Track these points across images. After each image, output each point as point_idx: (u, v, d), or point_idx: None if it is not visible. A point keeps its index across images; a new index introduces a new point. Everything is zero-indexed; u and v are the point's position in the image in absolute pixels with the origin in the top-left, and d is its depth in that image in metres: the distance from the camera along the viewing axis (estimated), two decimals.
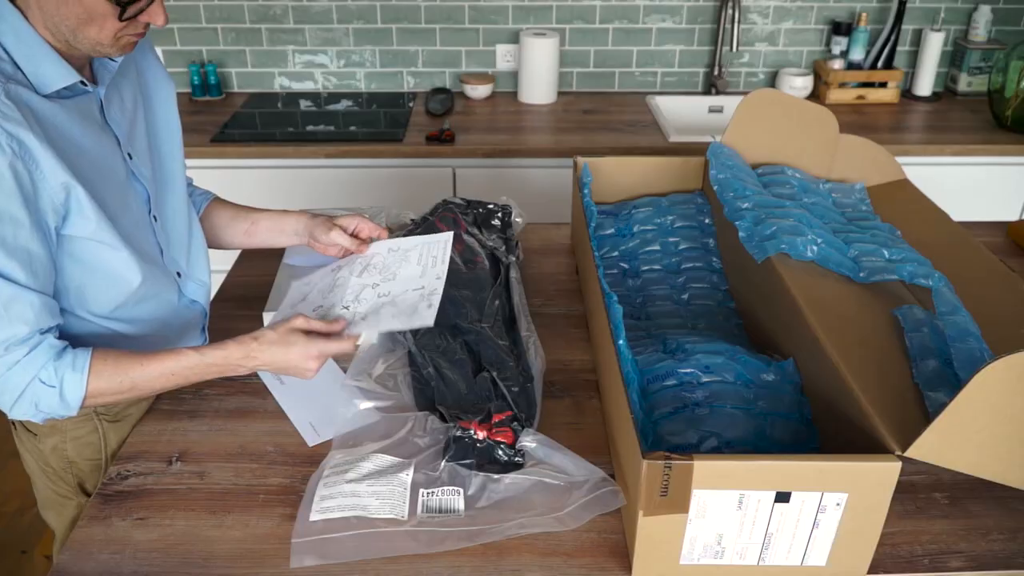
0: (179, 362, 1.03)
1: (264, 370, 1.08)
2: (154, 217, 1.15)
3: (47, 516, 1.28)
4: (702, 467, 0.81)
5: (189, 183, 1.30)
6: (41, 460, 1.20)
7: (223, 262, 1.54)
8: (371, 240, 1.30)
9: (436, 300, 1.13)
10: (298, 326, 1.07)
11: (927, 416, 0.90)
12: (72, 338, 1.05)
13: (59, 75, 0.98)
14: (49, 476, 1.21)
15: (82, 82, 1.01)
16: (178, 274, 1.21)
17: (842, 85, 2.61)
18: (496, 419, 1.06)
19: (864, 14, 2.57)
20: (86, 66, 1.05)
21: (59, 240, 1.00)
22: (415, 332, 1.24)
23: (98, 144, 1.04)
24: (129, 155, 1.10)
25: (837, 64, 2.61)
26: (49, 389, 0.98)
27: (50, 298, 0.99)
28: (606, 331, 1.05)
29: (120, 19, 0.96)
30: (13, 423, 1.19)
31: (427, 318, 1.11)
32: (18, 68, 0.95)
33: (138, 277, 1.09)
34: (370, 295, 1.19)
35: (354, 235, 1.30)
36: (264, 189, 2.28)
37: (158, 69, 1.20)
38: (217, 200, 1.36)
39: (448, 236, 1.28)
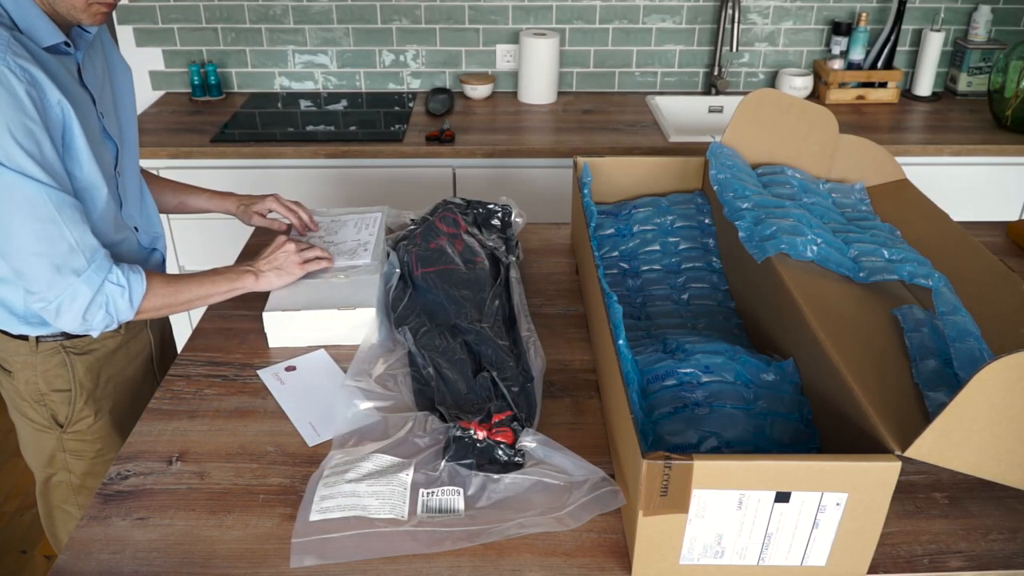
0: (213, 270, 1.28)
1: (264, 281, 1.31)
2: (117, 172, 1.29)
3: (27, 456, 1.42)
4: (702, 467, 0.81)
5: None
6: (17, 396, 1.34)
7: (222, 262, 1.54)
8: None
9: (371, 248, 1.45)
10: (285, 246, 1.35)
11: (927, 416, 0.90)
12: None
13: (49, 32, 1.11)
14: (24, 411, 1.35)
15: (66, 43, 1.14)
16: (135, 228, 1.35)
17: (842, 85, 2.61)
18: (496, 419, 1.06)
19: (864, 14, 2.57)
20: (67, 34, 1.17)
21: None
22: (415, 332, 1.24)
23: (80, 97, 1.17)
24: (102, 114, 1.24)
25: (837, 64, 2.61)
26: (119, 289, 1.15)
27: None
28: (606, 331, 1.05)
29: None
30: None
31: (365, 258, 1.42)
32: (15, 26, 1.09)
33: (102, 200, 1.20)
34: (319, 245, 1.47)
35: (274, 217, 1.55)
36: (264, 189, 2.27)
37: (119, 57, 1.35)
38: (147, 172, 1.53)
39: (379, 215, 1.58)
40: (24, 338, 1.27)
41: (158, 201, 1.50)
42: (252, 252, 1.59)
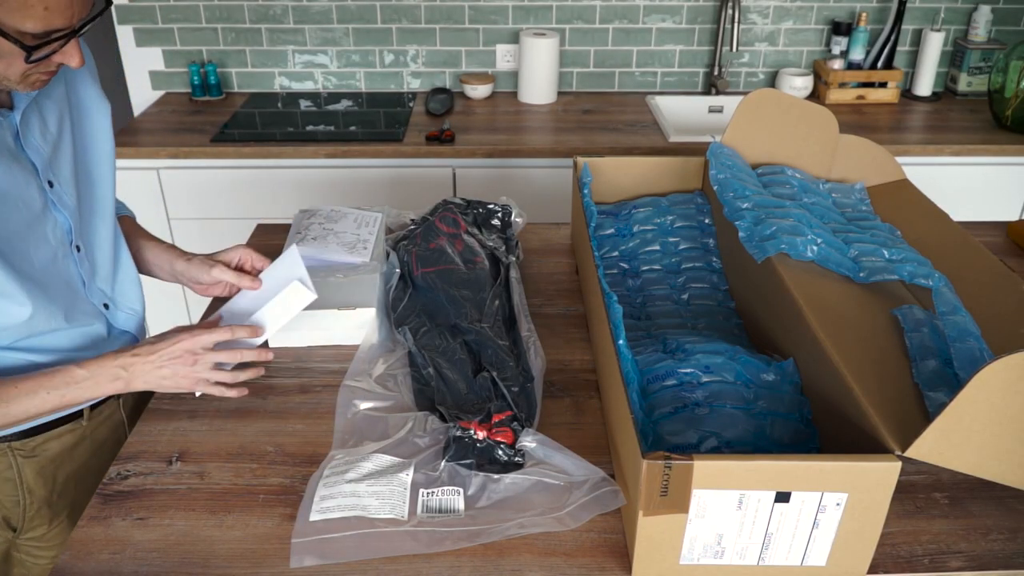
0: (51, 376, 0.99)
1: (141, 387, 1.03)
2: (76, 247, 1.09)
3: None
4: (702, 467, 0.81)
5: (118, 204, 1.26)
6: None
7: None
8: (257, 273, 1.21)
9: (370, 246, 1.43)
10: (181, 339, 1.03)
11: (927, 416, 0.90)
12: None
13: None
14: None
15: None
16: (105, 305, 1.15)
17: (842, 85, 2.61)
18: (496, 419, 1.07)
19: (864, 14, 2.57)
20: (2, 90, 0.98)
21: None
22: (415, 332, 1.24)
23: (6, 174, 0.98)
24: (49, 183, 1.04)
25: (837, 64, 2.61)
26: None
27: None
28: (606, 331, 1.05)
29: (27, 60, 0.90)
30: None
31: (364, 256, 1.39)
32: None
33: (27, 311, 1.01)
34: (317, 231, 1.46)
35: (239, 267, 1.23)
36: (264, 189, 2.28)
37: (93, 91, 1.13)
38: (124, 217, 1.29)
39: (379, 215, 1.55)
40: None
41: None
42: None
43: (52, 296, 1.05)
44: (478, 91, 2.60)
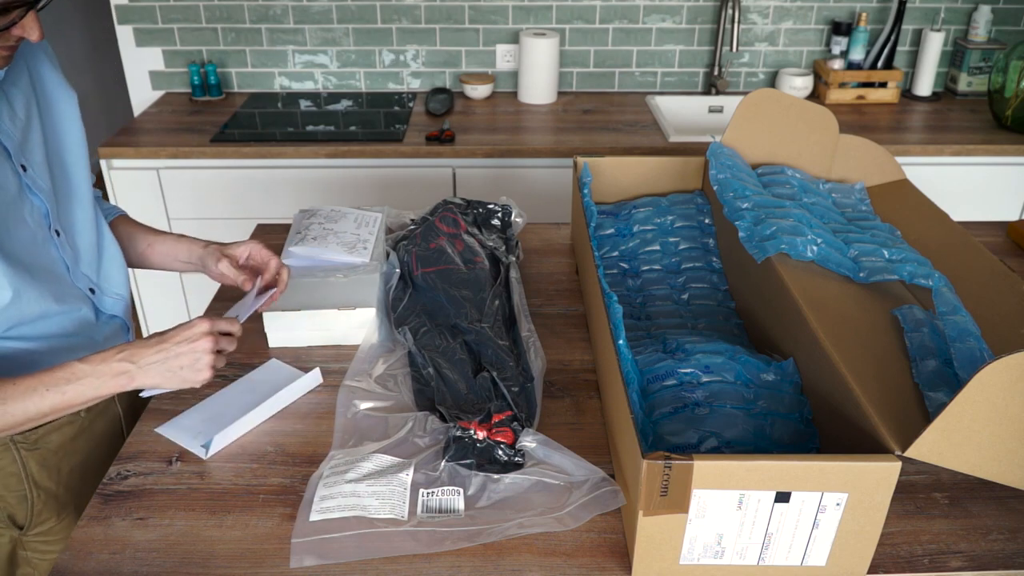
0: (51, 373, 0.96)
1: (148, 381, 0.99)
2: (55, 232, 1.09)
3: None
4: (702, 467, 0.81)
5: (97, 198, 1.25)
6: None
7: None
8: (257, 277, 1.22)
9: (370, 246, 1.43)
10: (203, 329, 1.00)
11: (927, 416, 0.90)
12: None
13: None
14: None
15: None
16: (91, 290, 1.15)
17: (842, 85, 2.61)
18: (496, 419, 1.07)
19: (864, 14, 2.57)
20: None
21: None
22: (415, 332, 1.24)
23: None
24: (23, 167, 1.04)
25: (837, 64, 2.61)
26: None
27: None
28: (606, 331, 1.05)
29: None
30: None
31: (364, 256, 1.39)
32: None
33: (8, 293, 1.00)
34: (317, 231, 1.46)
35: (246, 264, 1.23)
36: (264, 189, 2.28)
37: (57, 80, 1.14)
38: (123, 217, 1.31)
39: (379, 215, 1.54)
40: None
41: (127, 251, 1.26)
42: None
43: (38, 279, 1.04)
44: (478, 91, 2.60)
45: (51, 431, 1.14)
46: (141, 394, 1.04)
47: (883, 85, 2.62)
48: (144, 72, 2.64)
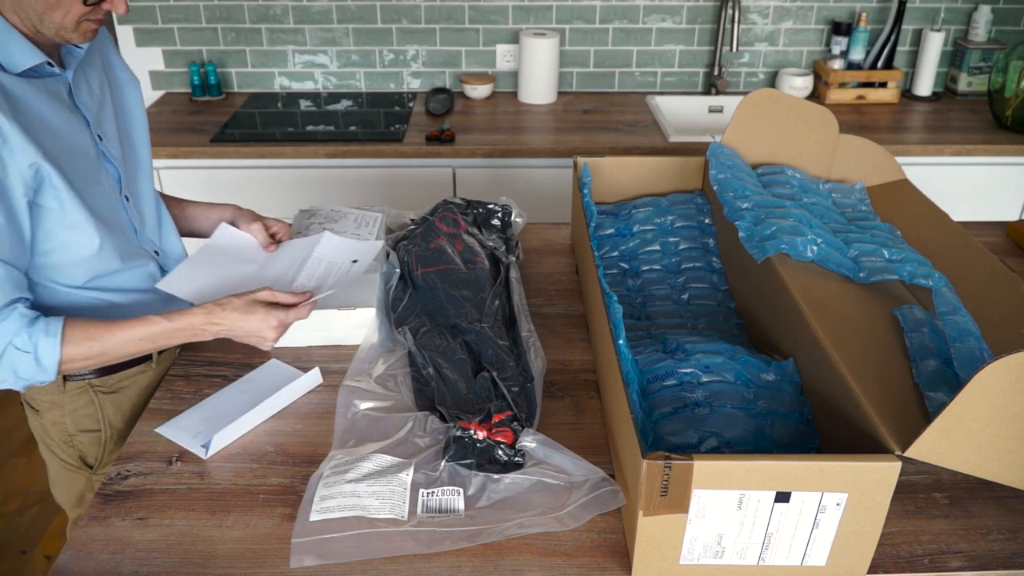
0: (147, 328, 1.09)
1: (227, 335, 1.12)
2: (126, 197, 1.22)
3: (56, 493, 1.35)
4: (702, 467, 0.81)
5: None
6: (45, 435, 1.27)
7: None
8: (279, 242, 1.37)
9: (376, 237, 1.43)
10: (262, 298, 1.12)
11: (927, 416, 0.90)
12: (55, 309, 1.12)
13: (26, 55, 1.05)
14: (53, 450, 1.28)
15: (49, 63, 1.08)
16: (156, 252, 1.28)
17: (842, 85, 2.61)
18: (496, 419, 1.07)
19: (864, 14, 2.57)
20: (54, 53, 1.12)
21: (33, 211, 1.06)
22: (415, 332, 1.24)
23: (67, 123, 1.10)
24: (99, 136, 1.16)
25: (837, 64, 2.61)
26: (24, 355, 1.03)
27: (16, 270, 1.05)
28: (606, 331, 1.05)
29: (85, 3, 1.04)
30: (21, 402, 1.27)
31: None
32: None
33: (96, 243, 1.13)
34: (317, 231, 1.43)
35: (273, 235, 1.38)
36: (264, 189, 2.28)
37: (124, 69, 1.28)
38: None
39: (379, 216, 1.52)
40: None
41: None
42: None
43: (114, 235, 1.17)
44: (478, 91, 2.60)
45: (127, 378, 1.26)
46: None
47: (883, 85, 2.62)
48: (144, 72, 2.64)
